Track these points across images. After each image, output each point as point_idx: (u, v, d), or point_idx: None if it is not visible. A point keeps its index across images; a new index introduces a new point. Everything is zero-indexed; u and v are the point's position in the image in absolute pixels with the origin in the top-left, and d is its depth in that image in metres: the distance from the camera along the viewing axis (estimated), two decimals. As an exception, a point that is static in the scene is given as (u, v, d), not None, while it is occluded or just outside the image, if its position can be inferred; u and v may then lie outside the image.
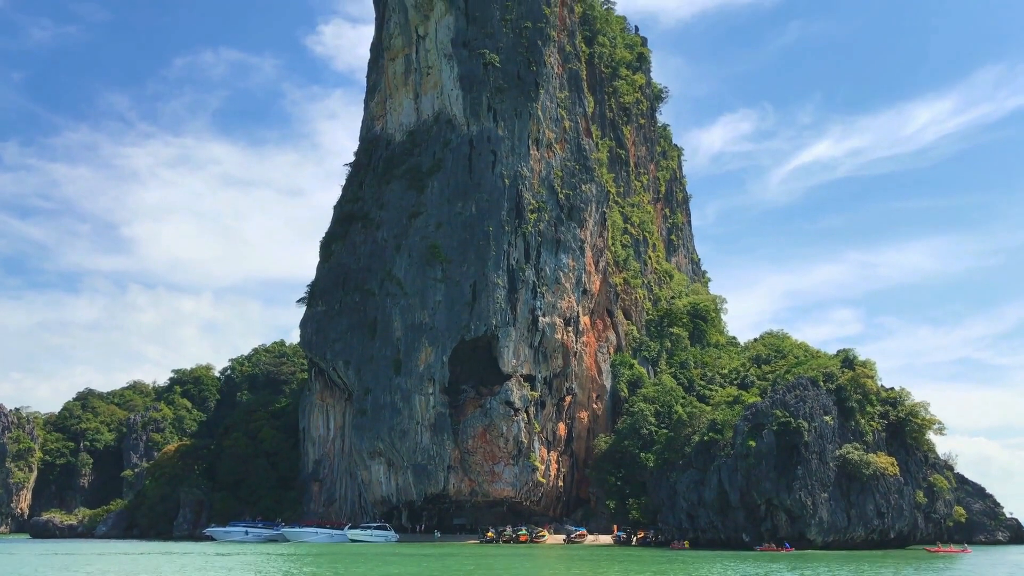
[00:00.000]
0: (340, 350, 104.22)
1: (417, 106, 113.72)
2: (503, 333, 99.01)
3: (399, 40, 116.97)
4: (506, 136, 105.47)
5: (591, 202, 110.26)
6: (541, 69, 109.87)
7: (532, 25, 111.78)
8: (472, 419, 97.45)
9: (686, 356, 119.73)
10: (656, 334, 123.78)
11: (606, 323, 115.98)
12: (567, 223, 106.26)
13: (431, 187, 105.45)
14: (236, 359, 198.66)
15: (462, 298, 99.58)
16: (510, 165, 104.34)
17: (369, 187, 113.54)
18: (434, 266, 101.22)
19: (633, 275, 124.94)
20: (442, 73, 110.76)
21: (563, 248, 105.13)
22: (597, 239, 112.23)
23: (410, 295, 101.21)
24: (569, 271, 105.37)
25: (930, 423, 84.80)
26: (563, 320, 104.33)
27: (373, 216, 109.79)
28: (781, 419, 79.02)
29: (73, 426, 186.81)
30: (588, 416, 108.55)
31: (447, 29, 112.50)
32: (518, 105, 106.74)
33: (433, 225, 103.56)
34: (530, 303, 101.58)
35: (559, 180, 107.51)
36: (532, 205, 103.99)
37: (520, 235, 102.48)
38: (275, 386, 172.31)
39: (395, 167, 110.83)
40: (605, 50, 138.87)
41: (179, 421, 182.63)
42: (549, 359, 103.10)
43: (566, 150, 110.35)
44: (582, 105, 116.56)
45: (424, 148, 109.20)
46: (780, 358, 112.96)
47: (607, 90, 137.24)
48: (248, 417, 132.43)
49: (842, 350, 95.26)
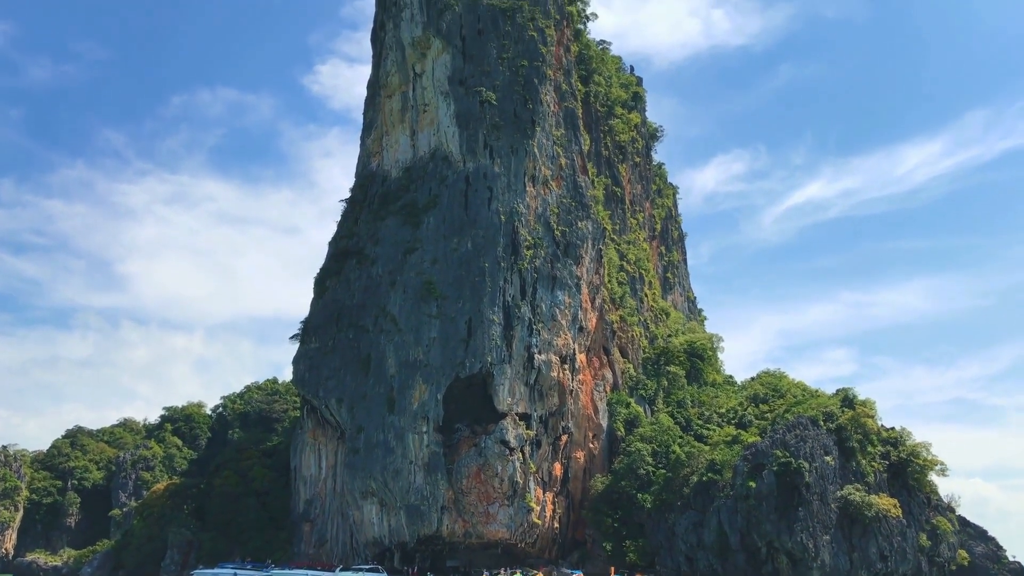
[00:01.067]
0: (333, 387, 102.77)
1: (413, 143, 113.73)
2: (498, 370, 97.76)
3: (396, 78, 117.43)
4: (502, 173, 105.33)
5: (587, 239, 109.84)
6: (537, 107, 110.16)
7: (528, 64, 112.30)
8: (466, 459, 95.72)
9: (683, 395, 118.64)
10: (653, 372, 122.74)
11: (602, 361, 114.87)
12: (563, 260, 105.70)
13: (427, 223, 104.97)
14: (228, 396, 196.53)
15: (457, 335, 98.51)
16: (506, 202, 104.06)
17: (364, 223, 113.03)
18: (429, 302, 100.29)
19: (629, 313, 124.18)
20: (439, 110, 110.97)
21: (559, 285, 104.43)
22: (593, 276, 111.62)
23: (404, 332, 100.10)
24: (565, 308, 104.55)
25: (932, 464, 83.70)
26: (559, 358, 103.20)
27: (368, 252, 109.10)
28: (781, 459, 77.86)
29: (61, 464, 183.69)
30: (584, 456, 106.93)
31: (444, 67, 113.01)
32: (514, 142, 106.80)
33: (428, 261, 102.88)
34: (526, 340, 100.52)
35: (555, 217, 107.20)
36: (528, 242, 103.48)
37: (516, 272, 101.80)
38: (267, 424, 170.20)
39: (391, 203, 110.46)
40: (601, 89, 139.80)
41: (169, 459, 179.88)
42: (545, 397, 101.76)
43: (562, 187, 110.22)
44: (578, 143, 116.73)
45: (420, 184, 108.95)
46: (778, 397, 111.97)
47: (603, 128, 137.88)
48: (239, 455, 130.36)
49: (841, 389, 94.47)
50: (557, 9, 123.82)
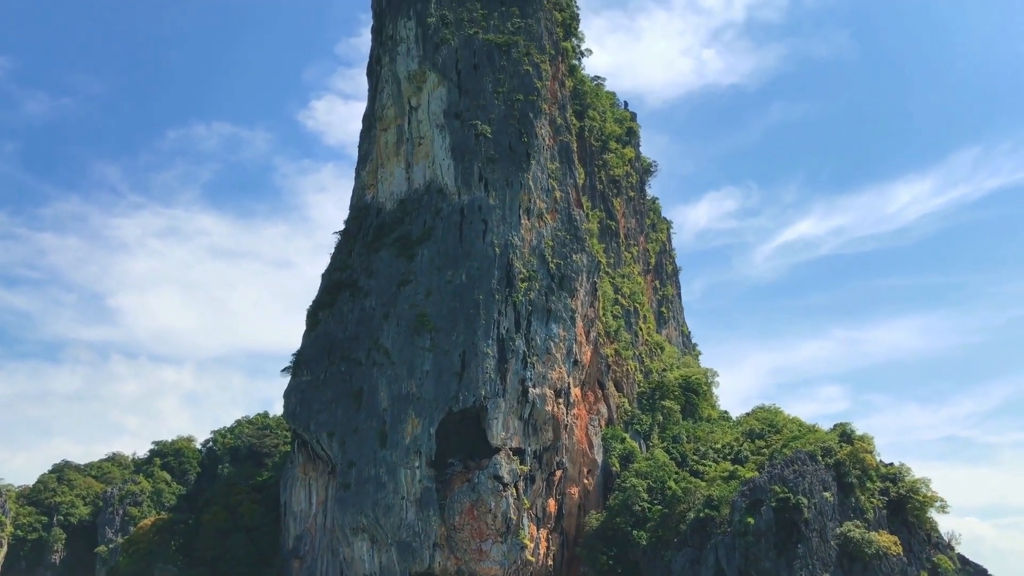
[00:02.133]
0: (324, 421, 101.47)
1: (408, 175, 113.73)
2: (492, 404, 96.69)
3: (392, 111, 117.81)
4: (497, 205, 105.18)
5: (582, 272, 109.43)
6: (532, 140, 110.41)
7: (524, 98, 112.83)
8: (459, 494, 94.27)
9: (678, 430, 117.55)
10: (648, 407, 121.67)
11: (597, 395, 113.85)
12: (558, 293, 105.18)
13: (421, 255, 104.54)
14: (218, 431, 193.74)
15: (451, 368, 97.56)
16: (501, 234, 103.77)
17: (358, 255, 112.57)
18: (422, 335, 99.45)
19: (624, 346, 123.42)
20: (434, 143, 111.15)
21: (554, 318, 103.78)
22: (588, 309, 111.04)
23: (397, 364, 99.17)
24: (560, 341, 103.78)
25: (932, 500, 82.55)
26: (554, 392, 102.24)
27: (361, 284, 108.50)
28: (780, 495, 76.75)
29: (47, 499, 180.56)
30: (579, 492, 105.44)
31: (440, 100, 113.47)
32: (509, 175, 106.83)
33: (422, 293, 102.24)
34: (520, 373, 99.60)
35: (550, 250, 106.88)
36: (523, 274, 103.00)
37: (510, 304, 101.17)
38: (257, 459, 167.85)
39: (385, 235, 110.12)
40: (595, 124, 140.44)
41: (158, 494, 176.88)
42: (539, 432, 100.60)
43: (557, 220, 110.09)
44: (573, 176, 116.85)
45: (415, 217, 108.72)
46: (774, 433, 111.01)
47: (597, 163, 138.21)
48: (228, 490, 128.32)
49: (839, 424, 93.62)
50: (552, 45, 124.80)
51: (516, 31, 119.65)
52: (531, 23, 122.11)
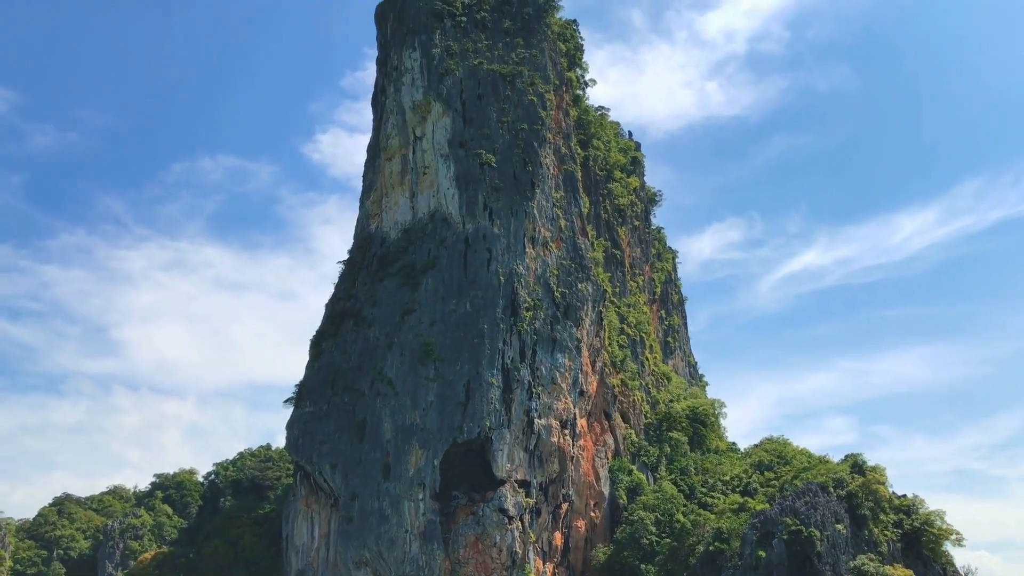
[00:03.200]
0: (327, 453, 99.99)
1: (413, 204, 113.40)
2: (497, 435, 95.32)
3: (396, 140, 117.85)
4: (502, 234, 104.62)
5: (587, 301, 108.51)
6: (537, 169, 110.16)
7: (528, 127, 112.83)
8: (464, 527, 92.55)
9: (686, 462, 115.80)
10: (655, 438, 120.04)
11: (603, 426, 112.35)
12: (563, 322, 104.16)
13: (425, 284, 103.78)
14: (220, 463, 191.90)
15: (455, 398, 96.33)
16: (505, 263, 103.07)
17: (362, 285, 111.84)
18: (427, 365, 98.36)
19: (631, 376, 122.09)
20: (438, 172, 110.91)
21: (559, 347, 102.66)
22: (594, 339, 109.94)
23: (401, 395, 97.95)
24: (566, 371, 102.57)
25: (947, 533, 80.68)
26: (559, 422, 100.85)
27: (365, 314, 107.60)
28: (792, 527, 75.08)
29: (47, 533, 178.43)
30: (586, 525, 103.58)
31: (444, 130, 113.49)
32: (514, 204, 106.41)
33: (427, 323, 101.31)
34: (525, 404, 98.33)
35: (555, 278, 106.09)
36: (528, 303, 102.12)
37: (515, 334, 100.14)
38: (260, 491, 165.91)
39: (389, 265, 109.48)
40: (600, 153, 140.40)
41: (159, 528, 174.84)
42: (545, 464, 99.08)
43: (562, 249, 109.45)
44: (577, 205, 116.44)
45: (419, 246, 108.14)
46: (783, 464, 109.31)
47: (602, 192, 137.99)
48: (230, 523, 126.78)
49: (850, 455, 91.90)
50: (556, 75, 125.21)
51: (521, 61, 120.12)
52: (535, 53, 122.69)
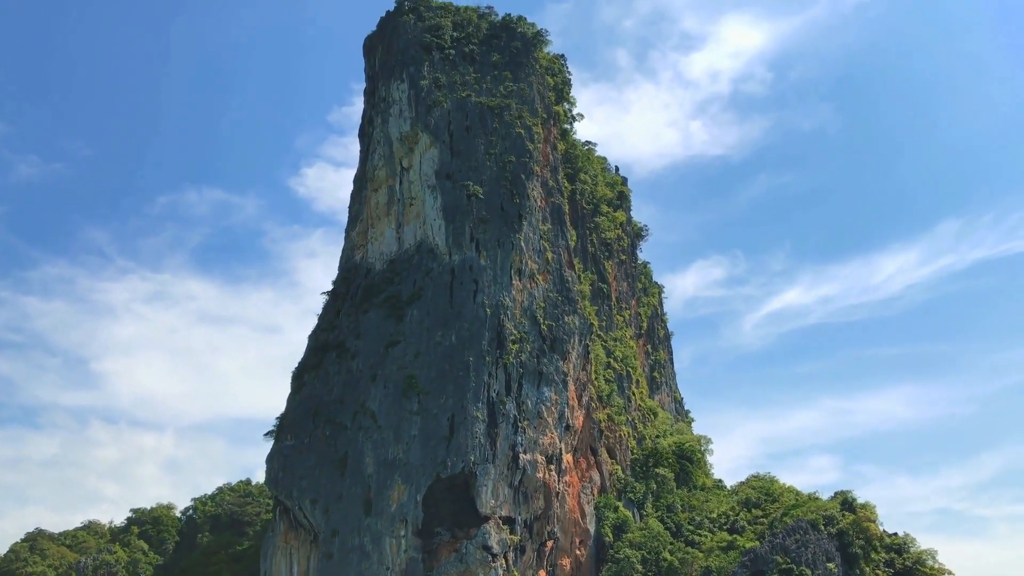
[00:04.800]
0: (307, 487, 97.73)
1: (399, 235, 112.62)
2: (481, 471, 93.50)
3: (383, 171, 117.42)
4: (488, 266, 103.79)
5: (574, 334, 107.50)
6: (524, 201, 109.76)
7: (516, 159, 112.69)
8: (446, 565, 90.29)
9: (673, 499, 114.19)
10: (641, 475, 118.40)
11: (589, 462, 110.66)
12: (549, 355, 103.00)
13: (410, 316, 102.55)
14: (199, 498, 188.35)
15: (439, 432, 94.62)
16: (492, 295, 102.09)
17: (346, 316, 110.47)
18: (410, 398, 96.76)
19: (617, 411, 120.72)
20: (425, 203, 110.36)
21: (545, 381, 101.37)
22: (580, 372, 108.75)
23: (384, 429, 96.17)
24: (552, 405, 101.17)
25: (940, 573, 79.50)
26: (545, 458, 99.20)
27: (349, 346, 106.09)
28: (782, 565, 73.83)
29: (17, 570, 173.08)
30: (571, 563, 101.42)
31: (431, 161, 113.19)
32: (501, 235, 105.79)
33: (411, 355, 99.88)
34: (510, 438, 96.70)
35: (542, 311, 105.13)
36: (514, 336, 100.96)
37: (501, 366, 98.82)
38: (238, 527, 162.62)
39: (374, 296, 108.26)
40: (587, 187, 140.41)
41: (134, 564, 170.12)
42: (530, 500, 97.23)
43: (549, 281, 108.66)
44: (565, 238, 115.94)
45: (404, 277, 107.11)
46: (771, 501, 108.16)
47: (589, 225, 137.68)
48: (207, 560, 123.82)
49: (840, 492, 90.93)
50: (544, 108, 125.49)
51: (509, 94, 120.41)
52: (523, 87, 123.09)
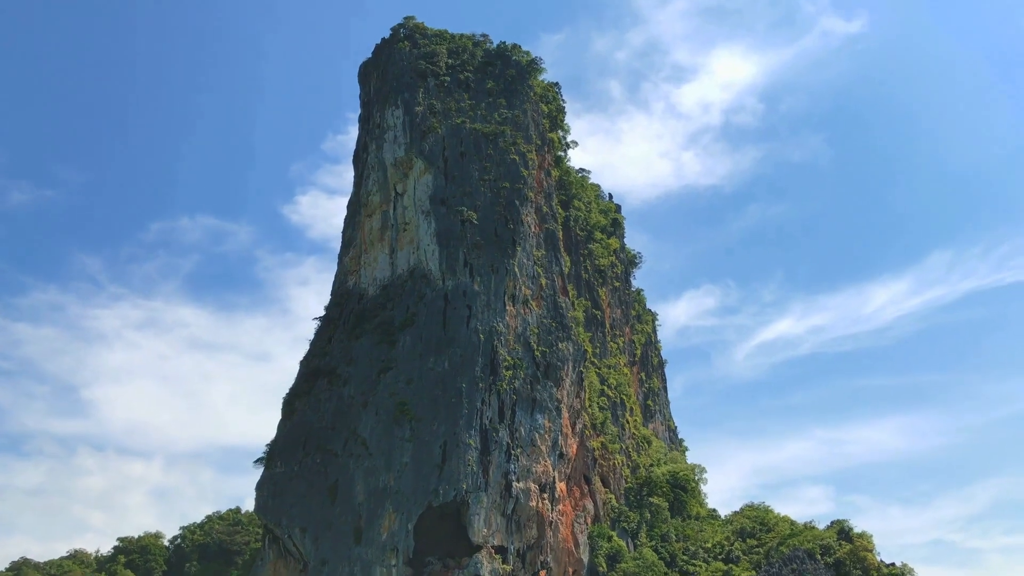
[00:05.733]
0: (297, 515, 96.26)
1: (392, 261, 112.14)
2: (474, 499, 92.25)
3: (377, 197, 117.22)
4: (482, 291, 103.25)
5: (568, 361, 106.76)
6: (518, 227, 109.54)
7: (510, 185, 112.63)
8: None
9: (667, 528, 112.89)
10: (635, 504, 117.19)
11: (583, 490, 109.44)
12: (543, 382, 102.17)
13: (403, 342, 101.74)
14: (187, 527, 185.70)
15: (431, 460, 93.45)
16: (485, 320, 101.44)
17: (338, 342, 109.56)
18: (402, 425, 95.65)
19: (611, 439, 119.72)
20: (419, 228, 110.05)
21: (539, 408, 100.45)
22: (574, 400, 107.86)
23: (375, 456, 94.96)
24: (545, 432, 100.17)
25: (937, 604, 78.30)
26: (538, 486, 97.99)
27: (341, 372, 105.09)
28: (778, 597, 72.50)
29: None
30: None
31: (426, 187, 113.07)
32: (495, 261, 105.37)
33: (403, 381, 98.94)
34: (503, 466, 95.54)
35: (535, 337, 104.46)
36: (507, 362, 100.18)
37: (494, 393, 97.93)
38: (227, 557, 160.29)
39: (366, 321, 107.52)
40: (581, 214, 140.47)
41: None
42: (523, 529, 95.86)
43: (543, 307, 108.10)
44: (559, 264, 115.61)
45: (398, 302, 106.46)
46: (766, 531, 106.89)
47: (582, 252, 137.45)
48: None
49: (836, 521, 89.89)
50: (539, 135, 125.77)
51: (503, 121, 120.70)
52: (518, 114, 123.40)
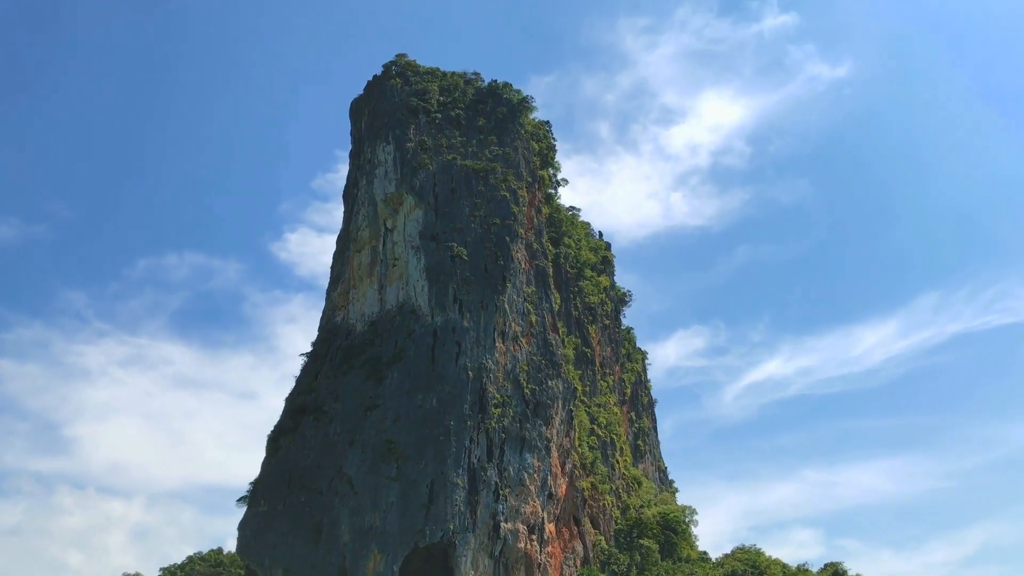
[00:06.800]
0: (280, 556, 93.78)
1: (381, 296, 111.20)
2: (461, 540, 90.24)
3: (367, 232, 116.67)
4: (471, 327, 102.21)
5: (558, 399, 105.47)
6: (508, 263, 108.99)
7: (500, 222, 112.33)
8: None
9: (658, 571, 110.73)
10: (625, 545, 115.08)
11: (572, 532, 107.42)
12: (533, 420, 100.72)
13: (390, 378, 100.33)
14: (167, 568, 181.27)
15: (418, 499, 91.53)
16: (475, 357, 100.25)
17: (325, 378, 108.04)
18: (389, 463, 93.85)
19: (601, 480, 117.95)
20: (408, 264, 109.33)
21: (528, 447, 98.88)
22: (564, 439, 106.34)
23: (361, 495, 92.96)
24: (534, 472, 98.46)
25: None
26: (527, 527, 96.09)
27: (327, 409, 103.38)
28: (773, 643, 70.67)
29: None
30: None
31: (416, 223, 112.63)
32: (485, 297, 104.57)
33: (390, 419, 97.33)
34: (491, 507, 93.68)
35: (525, 374, 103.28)
36: (496, 399, 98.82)
37: (483, 431, 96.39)
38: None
39: (354, 357, 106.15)
40: (571, 251, 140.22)
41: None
42: (511, 571, 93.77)
43: (532, 344, 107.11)
44: (549, 301, 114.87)
45: (385, 338, 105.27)
46: (758, 574, 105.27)
47: (572, 290, 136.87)
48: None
49: (830, 564, 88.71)
50: (529, 172, 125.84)
51: (494, 158, 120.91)
52: (509, 151, 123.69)
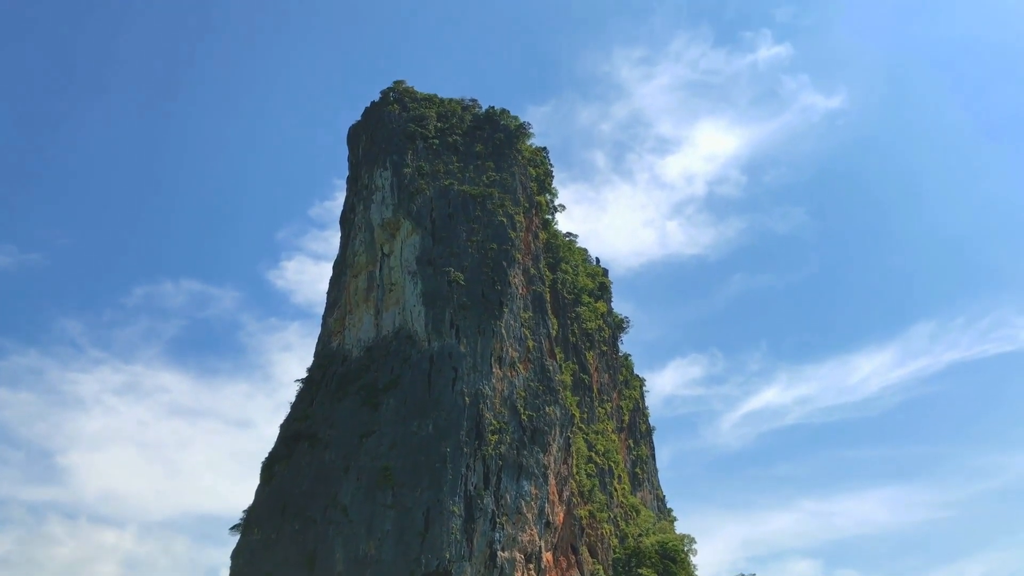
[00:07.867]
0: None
1: (377, 322, 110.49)
2: (457, 569, 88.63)
3: (363, 257, 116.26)
4: (468, 353, 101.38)
5: (555, 425, 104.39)
6: (506, 288, 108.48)
7: (498, 247, 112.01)
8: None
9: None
10: (624, 575, 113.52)
11: (570, 561, 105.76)
12: (530, 447, 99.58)
13: (386, 404, 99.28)
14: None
15: (413, 527, 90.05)
16: (471, 383, 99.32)
17: (320, 405, 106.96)
18: (384, 491, 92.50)
19: (599, 508, 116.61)
20: (405, 289, 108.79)
21: (525, 474, 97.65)
22: (561, 466, 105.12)
23: (355, 523, 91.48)
24: (531, 500, 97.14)
25: None
26: (524, 556, 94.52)
27: (322, 436, 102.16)
28: (776, 676, 69.11)
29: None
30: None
31: (413, 248, 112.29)
32: (482, 323, 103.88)
33: (386, 446, 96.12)
34: (488, 535, 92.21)
35: (522, 400, 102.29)
36: (493, 426, 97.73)
37: (480, 458, 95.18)
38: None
39: (349, 384, 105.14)
40: (568, 277, 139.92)
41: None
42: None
43: (530, 370, 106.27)
44: (546, 326, 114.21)
45: (382, 364, 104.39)
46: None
47: (570, 315, 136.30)
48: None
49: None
50: (527, 198, 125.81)
51: (491, 183, 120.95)
52: (506, 177, 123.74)
